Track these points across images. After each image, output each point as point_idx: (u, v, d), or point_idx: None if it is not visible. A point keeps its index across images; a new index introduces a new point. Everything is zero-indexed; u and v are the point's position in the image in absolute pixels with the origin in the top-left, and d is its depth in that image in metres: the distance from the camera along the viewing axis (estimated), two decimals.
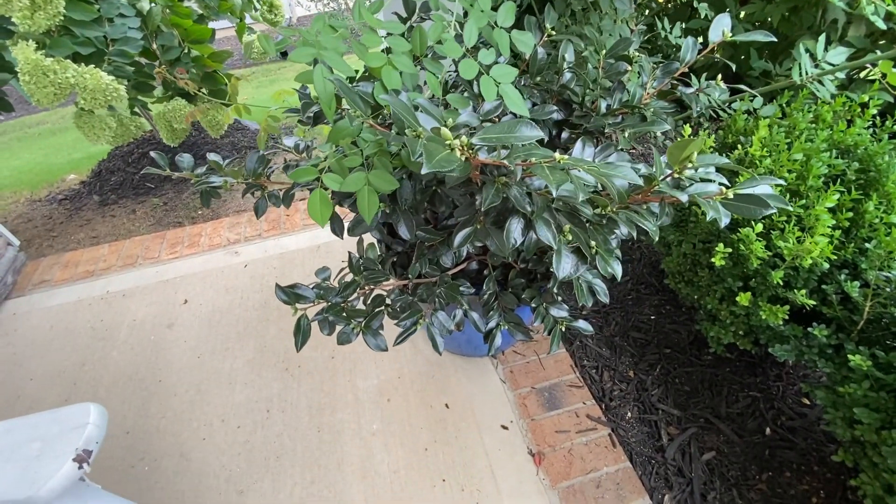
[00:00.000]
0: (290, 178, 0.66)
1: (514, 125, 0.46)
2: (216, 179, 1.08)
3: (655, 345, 1.60)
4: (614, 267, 0.73)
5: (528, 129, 0.45)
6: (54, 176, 3.69)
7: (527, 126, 0.45)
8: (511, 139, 0.44)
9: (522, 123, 0.45)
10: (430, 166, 0.38)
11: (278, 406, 1.56)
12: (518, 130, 0.45)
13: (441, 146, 0.42)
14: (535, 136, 0.44)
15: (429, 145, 0.41)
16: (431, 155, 0.39)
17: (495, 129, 0.46)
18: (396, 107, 0.55)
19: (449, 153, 0.42)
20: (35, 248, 2.54)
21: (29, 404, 1.64)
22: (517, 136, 0.44)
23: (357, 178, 0.60)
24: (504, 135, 0.45)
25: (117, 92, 2.37)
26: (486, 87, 0.75)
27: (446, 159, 0.40)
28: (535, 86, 1.00)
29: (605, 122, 0.90)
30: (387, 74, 0.73)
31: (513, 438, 1.41)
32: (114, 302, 2.00)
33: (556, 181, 0.47)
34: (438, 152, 0.40)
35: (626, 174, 0.58)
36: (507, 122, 0.46)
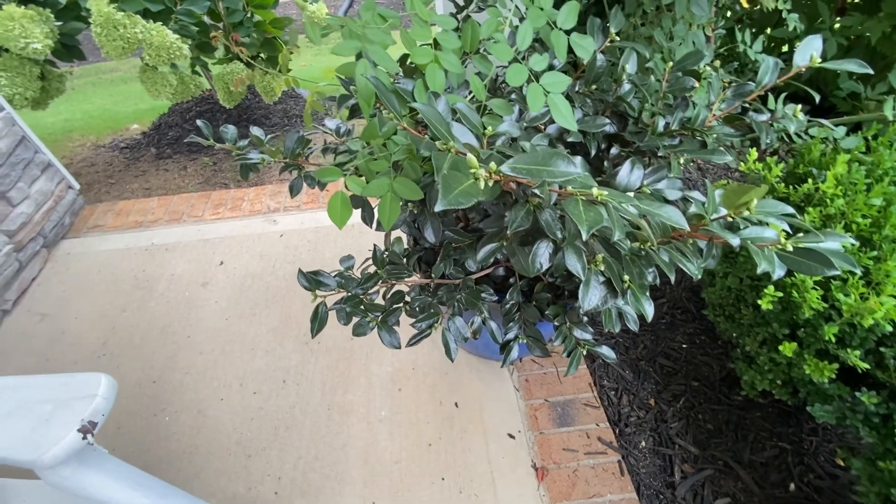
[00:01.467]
0: (317, 175, 0.64)
1: (549, 157, 0.41)
2: (255, 156, 1.09)
3: (683, 375, 1.52)
4: (644, 307, 0.68)
5: (563, 164, 0.41)
6: (119, 124, 3.88)
7: (563, 161, 0.41)
8: (543, 172, 0.40)
9: (559, 157, 0.41)
10: (446, 202, 0.34)
11: (294, 378, 1.60)
12: (553, 163, 0.41)
13: (463, 176, 0.38)
14: (570, 174, 0.40)
15: (449, 175, 0.37)
16: (449, 187, 0.35)
17: (528, 159, 0.42)
18: (429, 116, 0.52)
19: (471, 184, 0.38)
20: (94, 192, 2.69)
21: (71, 340, 1.76)
22: (550, 171, 0.40)
23: (380, 184, 0.57)
24: (536, 167, 0.41)
25: (181, 50, 2.44)
26: (533, 95, 0.70)
27: (466, 193, 0.36)
28: (589, 94, 0.94)
29: (660, 143, 0.83)
30: (431, 73, 0.69)
31: (518, 449, 1.39)
32: (157, 254, 2.10)
33: (587, 222, 0.42)
34: (458, 183, 0.37)
35: (671, 216, 0.52)
36: (542, 150, 0.42)
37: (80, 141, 3.61)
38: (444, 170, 0.40)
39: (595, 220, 0.43)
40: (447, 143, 0.52)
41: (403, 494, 1.31)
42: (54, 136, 3.76)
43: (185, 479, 1.36)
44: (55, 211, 2.17)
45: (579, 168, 0.41)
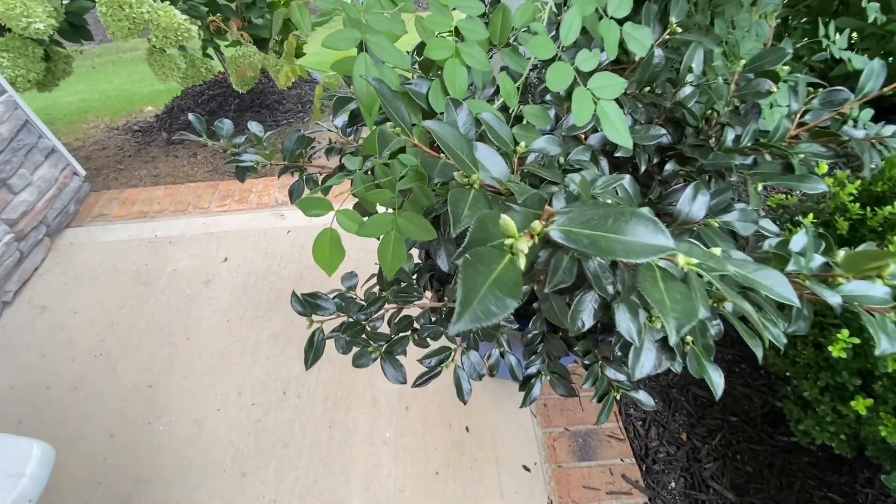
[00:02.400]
0: (298, 206, 0.51)
1: (623, 217, 0.27)
2: (249, 157, 0.96)
3: (720, 409, 1.37)
4: (711, 375, 0.54)
5: (647, 233, 0.26)
6: (134, 105, 3.80)
7: (646, 226, 0.27)
8: (616, 245, 0.26)
9: (640, 220, 0.27)
10: (470, 315, 0.21)
11: (295, 390, 1.50)
12: (630, 231, 0.27)
13: (496, 253, 0.24)
14: (658, 251, 0.26)
15: (477, 253, 0.23)
16: (473, 281, 0.21)
17: (589, 219, 0.28)
18: (445, 139, 0.38)
19: (507, 266, 0.24)
20: (102, 178, 2.62)
21: (69, 336, 1.69)
22: (626, 244, 0.26)
23: (381, 221, 0.44)
24: (604, 234, 0.27)
25: (189, 32, 2.32)
26: (580, 102, 0.55)
27: (501, 286, 0.23)
28: (641, 97, 0.78)
29: (731, 162, 0.67)
30: (451, 72, 0.55)
31: (533, 483, 1.26)
32: (160, 247, 2.01)
33: (675, 315, 0.29)
34: (487, 268, 0.23)
35: (780, 287, 0.38)
36: (613, 209, 0.28)
37: (94, 122, 3.55)
38: (471, 229, 0.27)
39: (687, 312, 0.29)
40: (469, 176, 0.39)
41: None
42: (69, 116, 3.71)
43: (176, 497, 1.28)
44: (59, 198, 2.09)
45: (668, 237, 0.27)
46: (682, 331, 0.28)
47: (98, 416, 1.47)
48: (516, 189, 0.36)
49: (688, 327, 0.28)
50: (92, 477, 1.33)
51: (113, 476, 1.33)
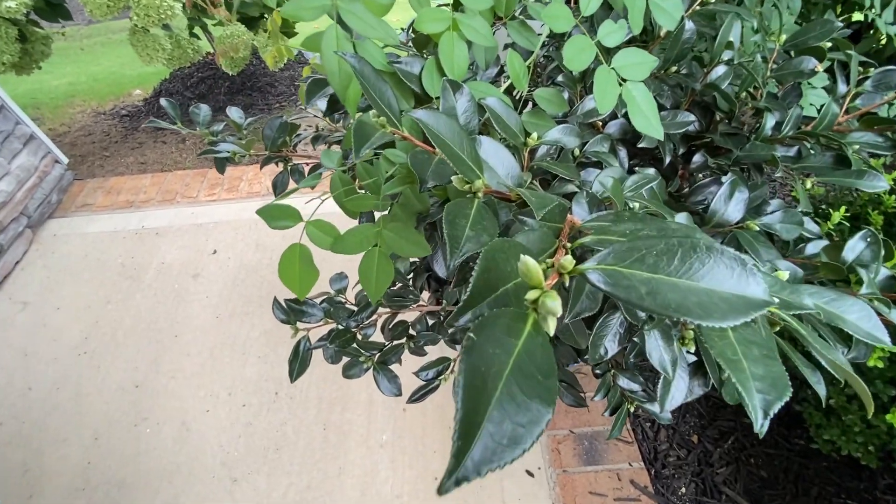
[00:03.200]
0: (262, 216, 0.42)
1: (695, 254, 0.19)
2: (226, 147, 0.87)
3: (733, 410, 1.31)
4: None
5: (732, 280, 0.18)
6: (123, 88, 3.67)
7: (731, 268, 0.18)
8: (690, 301, 0.18)
9: (721, 260, 0.19)
10: (468, 462, 0.13)
11: (287, 391, 1.44)
12: (707, 277, 0.18)
13: (515, 320, 0.16)
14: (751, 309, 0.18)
15: (487, 326, 0.15)
16: (475, 385, 0.13)
17: (643, 254, 0.19)
18: (440, 133, 0.29)
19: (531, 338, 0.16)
20: (87, 165, 2.52)
21: (51, 333, 1.62)
22: (702, 296, 0.18)
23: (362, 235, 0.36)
24: (667, 279, 0.18)
25: (172, 10, 2.19)
26: (603, 85, 0.46)
27: (521, 376, 0.15)
28: (666, 77, 0.68)
29: (772, 153, 0.58)
30: (447, 47, 0.46)
31: (537, 489, 1.21)
32: (147, 239, 1.93)
33: (759, 384, 0.21)
34: (503, 349, 0.15)
35: (866, 322, 0.30)
36: (675, 238, 0.20)
37: (81, 107, 3.42)
38: (480, 278, 0.18)
39: (775, 380, 0.21)
40: (472, 182, 0.30)
41: None
42: (56, 100, 3.58)
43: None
44: (40, 188, 2.00)
45: (762, 286, 0.18)
46: (771, 411, 0.20)
47: (82, 417, 1.41)
48: (533, 200, 0.27)
49: (778, 405, 0.20)
50: (75, 482, 1.27)
51: (97, 481, 1.28)
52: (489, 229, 0.27)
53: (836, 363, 0.25)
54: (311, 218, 0.44)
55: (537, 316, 0.17)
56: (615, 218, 0.31)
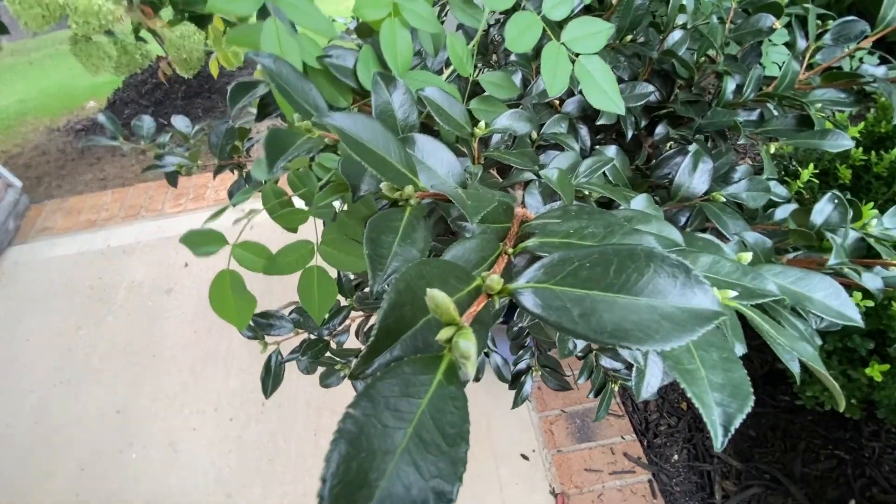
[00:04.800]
0: (183, 242, 0.39)
1: (631, 262, 0.16)
2: (171, 160, 0.82)
3: None
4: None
5: (676, 290, 0.16)
6: (76, 101, 3.51)
7: (674, 277, 0.16)
8: (627, 320, 0.15)
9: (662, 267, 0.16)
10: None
11: (274, 400, 1.41)
12: (646, 289, 0.16)
13: (419, 374, 0.14)
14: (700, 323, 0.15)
15: (384, 380, 0.12)
16: (365, 427, 0.11)
17: (576, 267, 0.17)
18: (359, 139, 0.26)
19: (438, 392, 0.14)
20: (44, 187, 2.41)
21: (23, 366, 1.56)
22: (641, 314, 0.15)
23: (296, 253, 0.33)
24: (604, 296, 0.16)
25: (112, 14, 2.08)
26: (552, 63, 0.43)
27: (420, 442, 0.13)
28: (622, 48, 0.66)
29: (734, 119, 0.56)
30: (388, 36, 0.42)
31: (533, 472, 1.21)
32: (113, 258, 1.86)
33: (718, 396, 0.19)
34: (408, 406, 0.13)
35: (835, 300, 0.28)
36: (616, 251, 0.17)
37: (33, 125, 3.27)
38: (384, 307, 0.16)
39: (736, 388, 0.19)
40: (401, 189, 0.27)
41: None
42: (7, 120, 3.41)
43: None
44: None
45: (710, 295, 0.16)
46: (732, 426, 0.18)
47: (65, 449, 1.36)
48: (467, 203, 0.25)
49: (741, 418, 0.18)
50: None
51: None
52: (419, 243, 0.25)
53: (803, 355, 0.23)
54: (238, 240, 0.40)
55: (453, 358, 0.15)
56: (562, 214, 0.28)
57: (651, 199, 0.40)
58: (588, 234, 0.24)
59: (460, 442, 0.12)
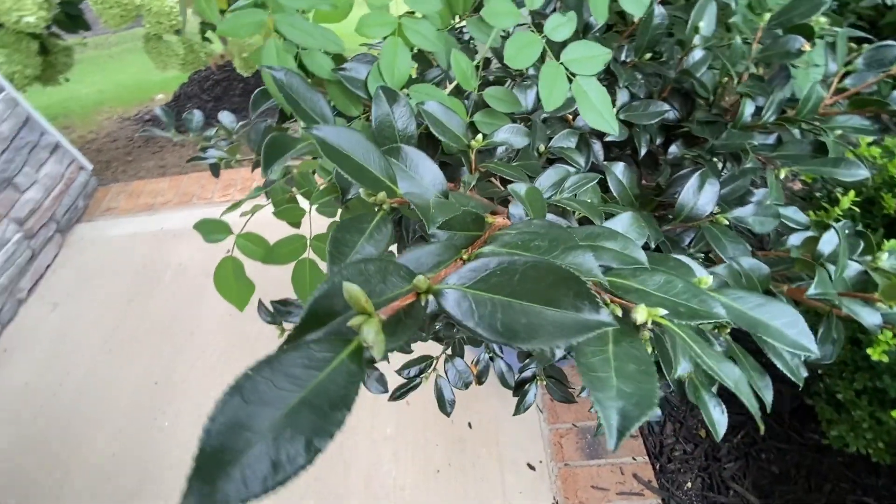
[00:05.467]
0: (196, 229, 0.44)
1: (535, 273, 0.18)
2: (213, 153, 0.90)
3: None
4: (711, 413, 0.44)
5: (567, 299, 0.17)
6: (147, 94, 3.80)
7: (568, 287, 0.18)
8: (519, 323, 0.17)
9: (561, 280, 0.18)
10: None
11: None
12: (544, 297, 0.17)
13: (326, 352, 0.16)
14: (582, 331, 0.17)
15: (288, 352, 0.15)
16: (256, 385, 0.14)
17: (491, 272, 0.19)
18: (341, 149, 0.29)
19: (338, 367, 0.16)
20: (112, 171, 2.63)
21: (78, 333, 1.71)
22: (531, 317, 0.17)
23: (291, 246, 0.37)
24: (508, 301, 0.18)
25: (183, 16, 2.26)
26: (549, 81, 0.45)
27: (305, 407, 0.15)
28: (641, 66, 0.66)
29: (748, 142, 0.55)
30: (388, 54, 0.46)
31: (538, 483, 1.21)
32: (165, 241, 2.01)
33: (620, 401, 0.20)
34: (307, 374, 0.15)
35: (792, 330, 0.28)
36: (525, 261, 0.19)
37: (108, 113, 3.57)
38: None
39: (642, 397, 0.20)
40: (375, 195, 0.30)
41: None
42: (86, 108, 3.74)
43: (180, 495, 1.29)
44: (67, 195, 2.11)
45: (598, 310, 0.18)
46: (628, 429, 0.20)
47: (108, 412, 1.49)
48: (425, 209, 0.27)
49: (638, 423, 0.20)
50: (102, 472, 1.36)
51: (122, 472, 1.35)
52: (380, 243, 0.28)
53: (727, 377, 0.24)
54: (242, 231, 0.45)
55: (357, 347, 0.17)
56: (523, 226, 0.30)
57: (637, 218, 0.41)
58: (533, 246, 0.26)
59: (342, 408, 0.15)
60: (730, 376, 0.23)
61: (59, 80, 2.55)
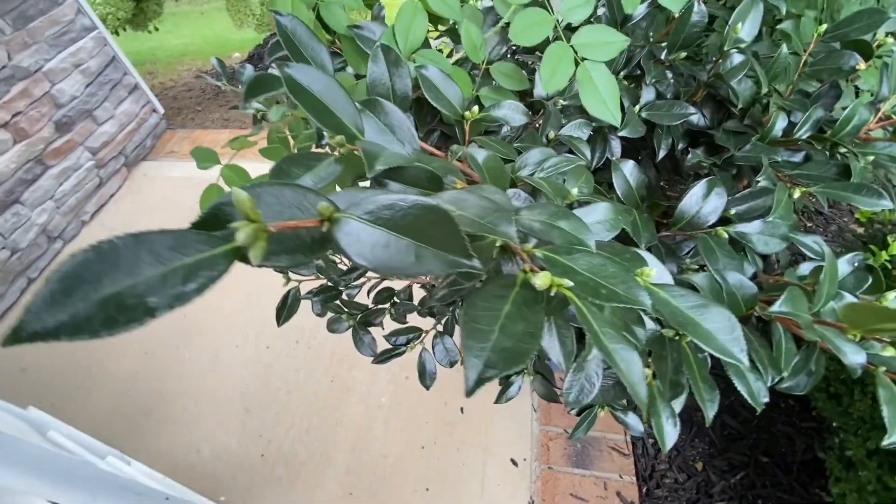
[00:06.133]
0: (192, 154, 0.47)
1: (421, 210, 0.19)
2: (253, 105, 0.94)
3: (750, 444, 1.19)
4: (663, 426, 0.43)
5: (441, 237, 0.18)
6: (226, 51, 4.01)
7: (445, 227, 0.18)
8: (394, 257, 0.18)
9: (439, 219, 0.18)
10: None
11: (307, 341, 1.55)
12: (421, 234, 0.18)
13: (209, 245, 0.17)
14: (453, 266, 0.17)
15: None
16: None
17: (378, 205, 0.20)
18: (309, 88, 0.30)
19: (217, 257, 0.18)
20: (181, 117, 2.82)
21: None
22: (401, 251, 0.18)
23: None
24: (386, 232, 0.19)
25: None
26: (553, 61, 0.44)
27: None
28: (674, 65, 0.63)
29: (770, 156, 0.52)
30: (404, 18, 0.46)
31: (518, 480, 1.20)
32: None
33: (484, 350, 0.20)
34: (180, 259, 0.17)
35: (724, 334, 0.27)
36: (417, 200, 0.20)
37: (189, 65, 3.81)
38: None
39: (513, 355, 0.20)
40: (335, 138, 0.31)
41: (382, 495, 1.20)
42: (171, 58, 4.01)
43: (187, 421, 1.39)
44: (137, 133, 2.28)
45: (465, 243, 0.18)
46: (489, 379, 0.20)
47: (139, 334, 1.62)
48: (370, 155, 0.28)
49: (495, 375, 0.20)
50: (124, 387, 1.49)
51: (140, 390, 1.48)
52: (323, 180, 0.29)
53: (622, 360, 0.23)
54: (229, 162, 0.47)
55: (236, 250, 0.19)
56: (469, 190, 0.30)
57: (616, 211, 0.40)
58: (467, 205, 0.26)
59: (197, 288, 0.17)
60: (623, 359, 0.23)
61: (149, 28, 2.76)
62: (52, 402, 1.47)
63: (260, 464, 1.29)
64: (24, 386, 1.52)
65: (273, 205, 0.22)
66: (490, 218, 0.25)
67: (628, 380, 0.23)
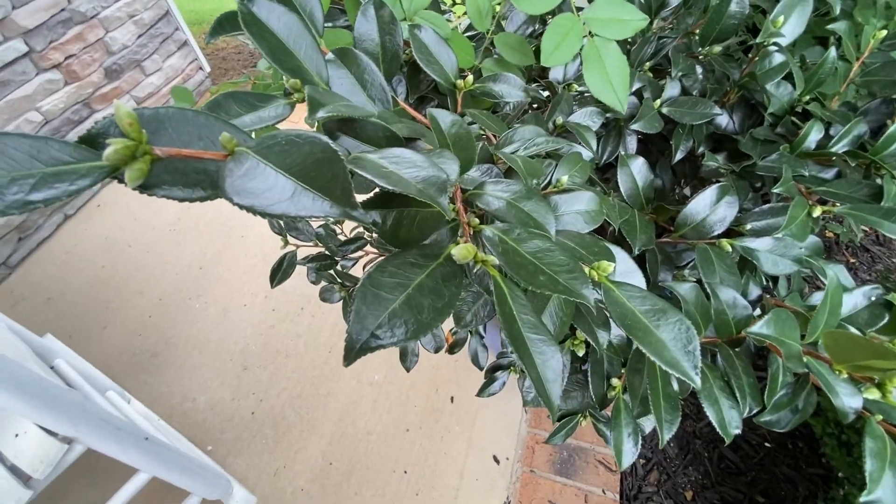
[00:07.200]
0: (171, 94, 0.46)
1: (325, 157, 0.16)
2: None
3: (748, 482, 1.13)
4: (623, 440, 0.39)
5: (329, 173, 0.15)
6: None
7: (333, 167, 0.16)
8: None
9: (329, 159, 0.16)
10: None
11: (311, 309, 1.56)
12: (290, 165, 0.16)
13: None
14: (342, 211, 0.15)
15: None
16: None
17: (279, 142, 0.17)
18: (270, 26, 0.28)
19: None
20: (228, 77, 2.88)
21: (156, 210, 1.93)
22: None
23: None
24: (278, 171, 0.17)
25: None
26: (558, 33, 0.40)
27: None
28: (706, 59, 0.58)
29: (796, 168, 0.46)
30: None
31: (498, 478, 1.18)
32: None
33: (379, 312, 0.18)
34: None
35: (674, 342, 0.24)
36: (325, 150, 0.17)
37: None
38: None
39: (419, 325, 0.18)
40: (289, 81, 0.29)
41: (361, 470, 1.21)
42: None
43: (188, 369, 1.44)
44: None
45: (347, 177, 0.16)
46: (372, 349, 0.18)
47: (157, 280, 1.69)
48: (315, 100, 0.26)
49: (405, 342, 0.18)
50: (136, 328, 1.55)
51: (151, 333, 1.54)
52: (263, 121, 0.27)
53: (536, 352, 0.20)
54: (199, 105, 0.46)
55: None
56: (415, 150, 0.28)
57: (601, 202, 0.36)
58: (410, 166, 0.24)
59: (63, 194, 0.15)
60: (540, 351, 0.20)
61: None
62: (71, 333, 1.55)
63: (249, 420, 1.32)
64: (49, 314, 1.61)
65: (183, 133, 0.21)
66: (424, 182, 0.23)
67: (541, 375, 0.20)
